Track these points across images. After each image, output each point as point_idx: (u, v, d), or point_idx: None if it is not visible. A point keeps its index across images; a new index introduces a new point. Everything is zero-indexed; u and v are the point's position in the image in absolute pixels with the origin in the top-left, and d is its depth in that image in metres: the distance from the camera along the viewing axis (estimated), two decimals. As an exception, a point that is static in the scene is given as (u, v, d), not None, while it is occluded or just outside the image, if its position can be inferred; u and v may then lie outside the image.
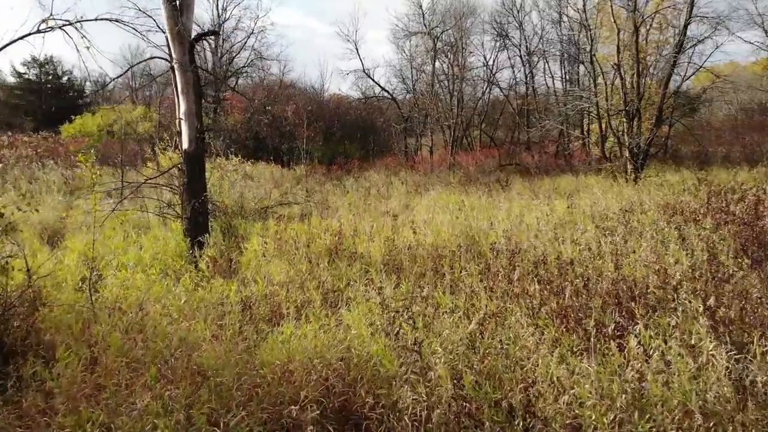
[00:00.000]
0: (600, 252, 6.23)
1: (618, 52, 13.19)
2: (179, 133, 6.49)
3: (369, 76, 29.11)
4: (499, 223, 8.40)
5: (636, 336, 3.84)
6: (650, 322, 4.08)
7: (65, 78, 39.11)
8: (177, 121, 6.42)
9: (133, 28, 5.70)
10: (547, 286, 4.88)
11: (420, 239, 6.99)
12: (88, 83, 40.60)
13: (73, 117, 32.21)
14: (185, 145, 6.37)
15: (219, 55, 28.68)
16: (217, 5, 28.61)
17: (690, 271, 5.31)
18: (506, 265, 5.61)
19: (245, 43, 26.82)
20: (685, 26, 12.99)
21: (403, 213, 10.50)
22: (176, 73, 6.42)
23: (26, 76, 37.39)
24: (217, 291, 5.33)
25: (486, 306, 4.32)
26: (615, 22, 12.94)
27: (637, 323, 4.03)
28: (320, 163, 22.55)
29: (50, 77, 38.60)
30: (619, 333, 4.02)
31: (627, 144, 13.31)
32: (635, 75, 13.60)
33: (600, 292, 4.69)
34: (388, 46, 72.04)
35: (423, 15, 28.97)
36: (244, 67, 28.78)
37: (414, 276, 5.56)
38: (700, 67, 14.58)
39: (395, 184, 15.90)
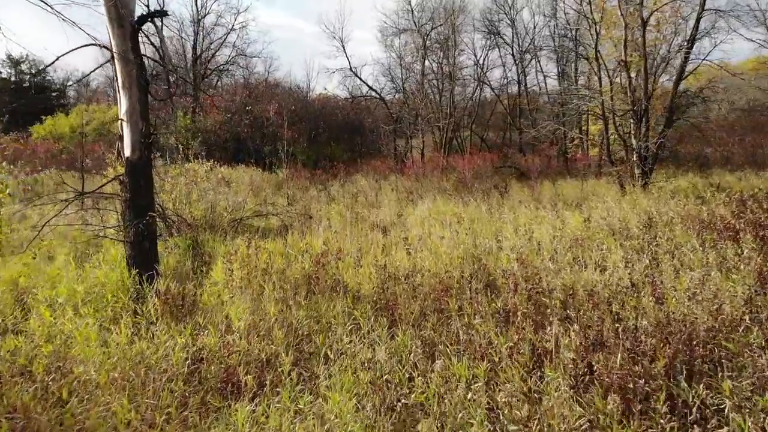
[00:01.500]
0: (633, 280, 5.16)
1: (625, 48, 12.21)
2: (121, 138, 5.28)
3: (356, 75, 27.97)
4: (506, 239, 7.31)
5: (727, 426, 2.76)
6: (738, 398, 3.00)
7: (42, 77, 37.36)
8: (119, 123, 5.21)
9: (58, 12, 4.47)
10: (585, 337, 3.78)
11: (417, 263, 5.86)
12: (70, 82, 38.92)
13: (44, 117, 30.58)
14: (127, 152, 5.16)
15: (197, 52, 27.29)
16: (196, 1, 27.26)
17: (749, 306, 4.27)
18: (526, 302, 4.49)
19: (225, 39, 25.48)
20: (698, 20, 12.09)
21: (394, 226, 9.38)
22: (116, 63, 5.21)
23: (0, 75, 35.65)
24: (162, 342, 4.13)
25: (513, 376, 3.19)
26: (622, 15, 11.95)
27: (723, 401, 2.95)
28: (304, 165, 21.32)
29: (27, 76, 36.88)
30: (701, 416, 2.93)
31: (635, 147, 12.32)
32: (643, 72, 12.63)
33: (657, 346, 3.60)
34: (376, 46, 70.94)
35: (412, 12, 27.91)
36: (225, 64, 27.44)
37: (413, 317, 4.42)
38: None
39: (385, 189, 14.77)
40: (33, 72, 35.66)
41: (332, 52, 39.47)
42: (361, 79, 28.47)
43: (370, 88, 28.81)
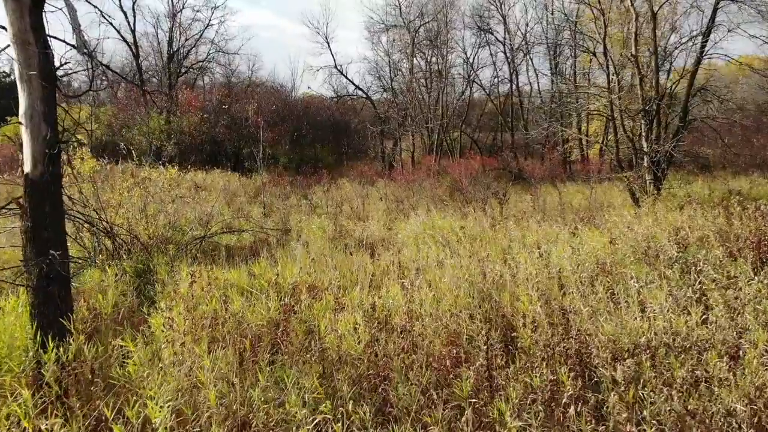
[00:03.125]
0: (695, 335, 3.99)
1: (636, 41, 11.12)
2: (21, 146, 3.95)
3: (341, 73, 26.66)
4: (518, 264, 6.09)
5: None
6: None
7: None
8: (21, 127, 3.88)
9: None
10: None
11: (414, 307, 4.61)
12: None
13: (9, 119, 28.78)
14: (27, 166, 3.84)
15: (172, 49, 25.75)
16: (171, -6, 25.70)
17: None
18: (571, 381, 3.25)
19: (201, 35, 23.99)
20: (714, 11, 11.05)
21: (384, 244, 8.13)
22: (13, 49, 3.88)
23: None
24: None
25: None
26: (632, 5, 10.84)
27: None
28: (286, 169, 19.96)
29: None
30: None
31: (647, 150, 11.22)
32: (653, 68, 11.55)
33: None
34: (362, 45, 69.63)
35: (400, 7, 26.66)
36: (203, 62, 25.94)
37: (412, 403, 3.17)
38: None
39: (372, 196, 13.50)
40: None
41: (316, 49, 38.01)
42: (346, 77, 27.20)
43: (357, 87, 27.55)
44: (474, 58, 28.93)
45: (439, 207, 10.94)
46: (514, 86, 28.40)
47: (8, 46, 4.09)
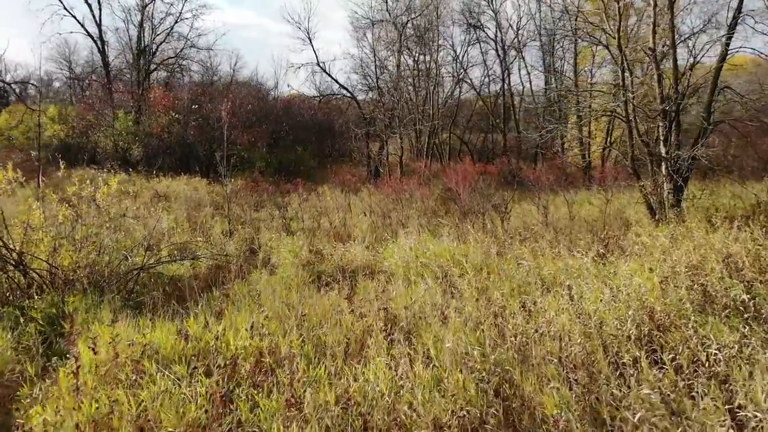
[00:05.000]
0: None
1: (654, 32, 9.77)
2: None
3: (324, 70, 25.04)
4: (540, 312, 4.64)
5: None
6: None
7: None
8: None
9: None
10: None
11: (407, 397, 3.11)
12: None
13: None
14: None
15: (142, 44, 23.93)
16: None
17: None
18: None
19: (172, 28, 22.23)
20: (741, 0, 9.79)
21: (368, 273, 6.62)
22: None
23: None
24: None
25: None
26: (651, -9, 9.48)
27: None
28: (262, 174, 18.31)
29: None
30: None
31: (666, 156, 9.87)
32: (672, 63, 10.21)
33: None
34: (346, 44, 68.00)
35: (387, 1, 25.14)
36: (174, 57, 24.16)
37: None
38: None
39: (356, 208, 11.97)
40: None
41: (297, 45, 36.00)
42: (329, 74, 25.60)
43: (341, 85, 25.96)
44: (464, 56, 27.59)
45: (432, 222, 9.46)
46: (505, 85, 27.08)
47: None
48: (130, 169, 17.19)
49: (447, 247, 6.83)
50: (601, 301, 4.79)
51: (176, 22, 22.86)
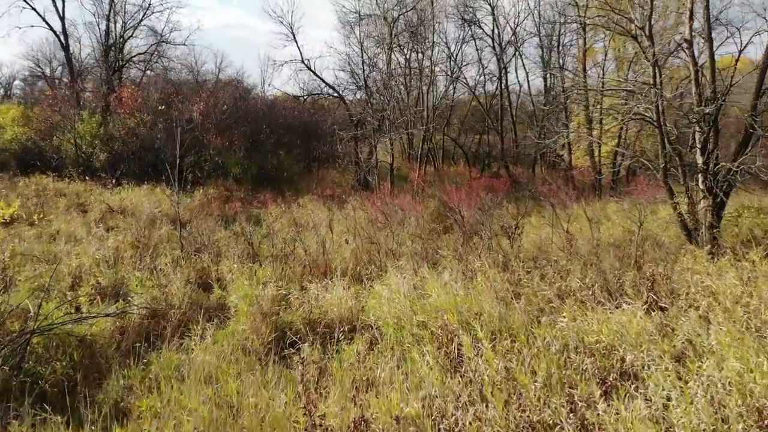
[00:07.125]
0: None
1: (690, 19, 8.24)
2: None
3: (309, 68, 23.28)
4: (605, 425, 3.02)
5: None
6: None
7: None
8: None
9: None
10: None
11: None
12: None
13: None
14: None
15: (110, 39, 22.04)
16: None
17: None
18: None
19: (140, 22, 20.37)
20: (798, -20, 8.33)
21: (346, 332, 4.96)
22: None
23: None
24: None
25: None
26: (688, -30, 7.92)
27: None
28: (238, 182, 16.52)
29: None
30: None
31: (704, 167, 8.33)
32: (708, 59, 8.69)
33: None
34: (333, 40, 66.18)
35: (376, -6, 23.41)
36: (145, 53, 22.28)
37: None
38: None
39: (340, 224, 10.28)
40: None
41: (280, 41, 33.52)
42: (314, 72, 23.76)
43: (327, 84, 24.21)
44: (458, 54, 26.00)
45: (428, 247, 7.80)
46: (502, 84, 25.53)
47: None
48: (87, 178, 15.38)
49: (451, 294, 5.17)
50: (692, 403, 3.17)
51: (144, 15, 21.00)
